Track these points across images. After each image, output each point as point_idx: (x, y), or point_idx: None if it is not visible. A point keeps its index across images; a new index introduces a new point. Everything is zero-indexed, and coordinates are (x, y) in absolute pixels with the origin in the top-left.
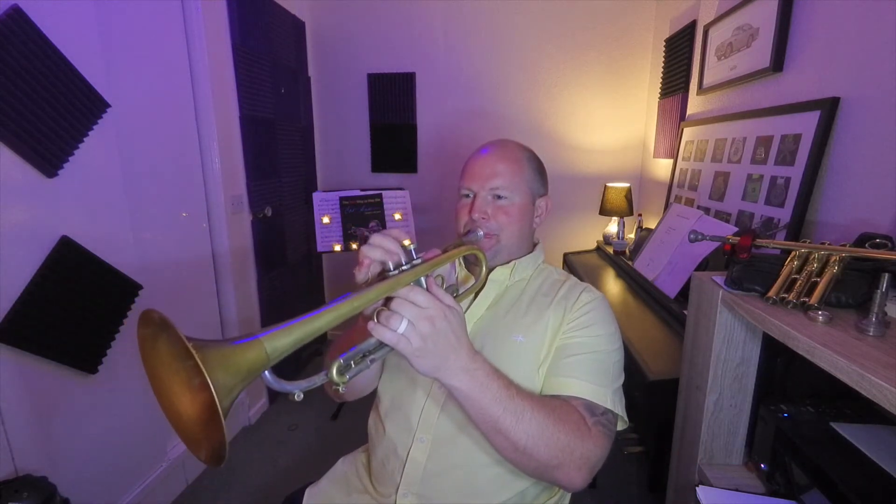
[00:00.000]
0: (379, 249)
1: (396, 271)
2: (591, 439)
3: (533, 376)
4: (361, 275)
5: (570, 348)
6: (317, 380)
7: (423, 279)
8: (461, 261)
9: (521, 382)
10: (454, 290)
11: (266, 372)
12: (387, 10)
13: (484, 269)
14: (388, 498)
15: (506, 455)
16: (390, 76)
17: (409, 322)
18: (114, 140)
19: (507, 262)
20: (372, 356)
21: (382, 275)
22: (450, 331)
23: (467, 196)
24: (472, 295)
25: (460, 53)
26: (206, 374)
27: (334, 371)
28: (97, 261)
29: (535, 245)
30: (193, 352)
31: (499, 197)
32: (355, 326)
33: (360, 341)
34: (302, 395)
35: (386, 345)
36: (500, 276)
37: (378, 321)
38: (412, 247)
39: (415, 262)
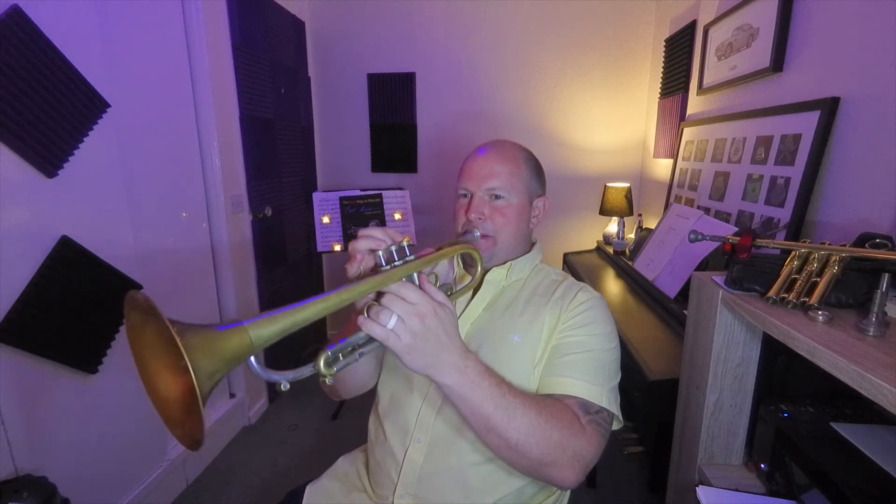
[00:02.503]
0: (366, 239)
1: (389, 267)
2: (585, 437)
3: (529, 376)
4: (353, 269)
5: (565, 347)
6: (305, 371)
7: (415, 276)
8: (459, 261)
9: (518, 382)
10: (449, 289)
11: (252, 360)
12: (387, 10)
13: (479, 269)
14: (385, 500)
15: (499, 452)
16: (390, 76)
17: (399, 318)
18: (114, 140)
19: (504, 263)
20: (361, 350)
21: (375, 270)
22: (440, 328)
23: (465, 196)
24: (470, 295)
25: (460, 53)
26: (186, 357)
27: (321, 363)
28: (97, 261)
29: (532, 245)
30: (175, 334)
31: (496, 197)
32: (350, 323)
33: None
34: (288, 385)
35: (375, 340)
36: (496, 277)
37: (368, 316)
38: (406, 244)
39: (408, 258)
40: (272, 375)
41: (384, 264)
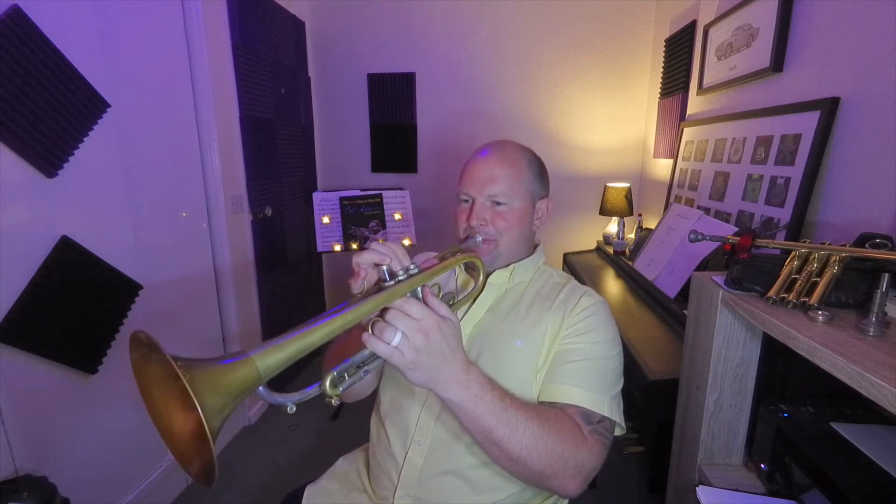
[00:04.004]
0: (370, 253)
1: (392, 282)
2: (586, 448)
3: (530, 381)
4: (357, 285)
5: (567, 354)
6: (310, 392)
7: (419, 289)
8: (461, 265)
9: (518, 387)
10: (452, 298)
11: (259, 386)
12: (387, 10)
13: (482, 275)
14: (385, 501)
15: (500, 464)
16: (390, 76)
17: (403, 334)
18: (114, 140)
19: (507, 266)
20: (366, 367)
21: (378, 285)
22: (444, 343)
23: (466, 201)
24: (471, 300)
25: (460, 53)
26: (194, 397)
27: (327, 384)
28: (97, 261)
29: (535, 247)
30: (181, 374)
31: (497, 203)
32: (353, 332)
33: (357, 347)
34: (295, 408)
35: (380, 356)
36: (499, 280)
37: (372, 333)
38: (408, 262)
39: (411, 271)
40: (278, 399)
41: (388, 279)
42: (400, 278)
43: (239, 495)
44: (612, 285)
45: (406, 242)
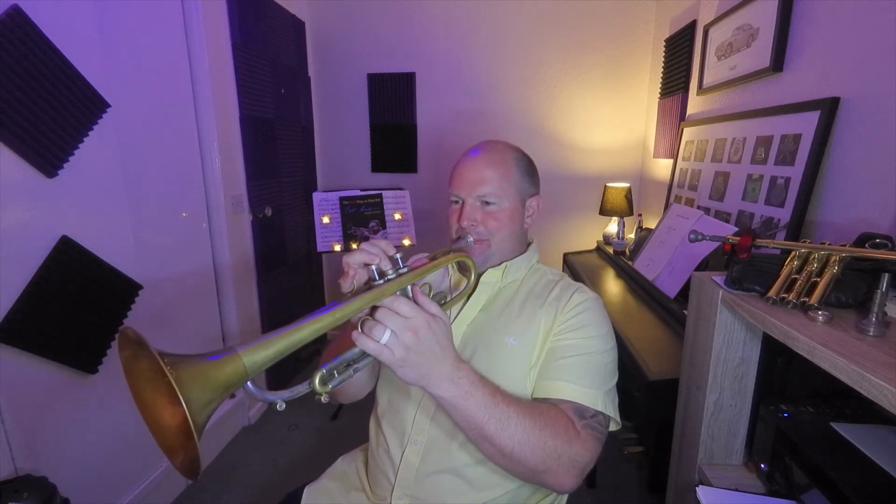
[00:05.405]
0: (360, 254)
1: (382, 281)
2: (580, 443)
3: (524, 379)
4: (346, 284)
5: (560, 350)
6: (300, 389)
7: (409, 288)
8: (454, 266)
9: (512, 385)
10: (443, 298)
11: (248, 383)
12: (387, 10)
13: (473, 274)
14: (383, 500)
15: (494, 460)
16: (390, 76)
17: (393, 332)
18: (114, 140)
19: (499, 264)
20: (356, 366)
21: (368, 284)
22: (434, 341)
23: (456, 202)
24: (464, 299)
25: (460, 53)
26: (179, 392)
27: (317, 381)
28: (97, 261)
29: (528, 245)
30: (166, 369)
31: (487, 203)
32: (348, 332)
33: (351, 347)
34: (284, 405)
35: (369, 354)
36: (491, 279)
37: (361, 331)
38: (398, 255)
39: (401, 270)
40: (268, 396)
41: (377, 278)
42: (389, 277)
43: (239, 495)
44: (612, 285)
45: (406, 242)
